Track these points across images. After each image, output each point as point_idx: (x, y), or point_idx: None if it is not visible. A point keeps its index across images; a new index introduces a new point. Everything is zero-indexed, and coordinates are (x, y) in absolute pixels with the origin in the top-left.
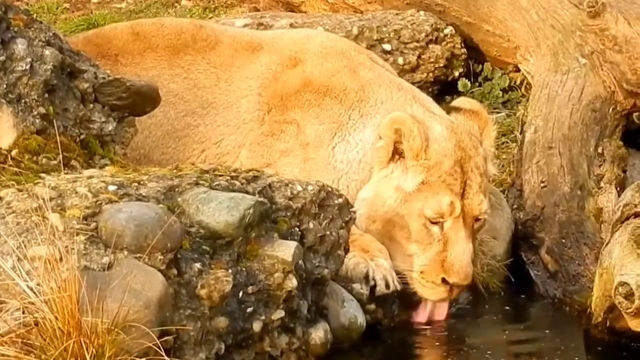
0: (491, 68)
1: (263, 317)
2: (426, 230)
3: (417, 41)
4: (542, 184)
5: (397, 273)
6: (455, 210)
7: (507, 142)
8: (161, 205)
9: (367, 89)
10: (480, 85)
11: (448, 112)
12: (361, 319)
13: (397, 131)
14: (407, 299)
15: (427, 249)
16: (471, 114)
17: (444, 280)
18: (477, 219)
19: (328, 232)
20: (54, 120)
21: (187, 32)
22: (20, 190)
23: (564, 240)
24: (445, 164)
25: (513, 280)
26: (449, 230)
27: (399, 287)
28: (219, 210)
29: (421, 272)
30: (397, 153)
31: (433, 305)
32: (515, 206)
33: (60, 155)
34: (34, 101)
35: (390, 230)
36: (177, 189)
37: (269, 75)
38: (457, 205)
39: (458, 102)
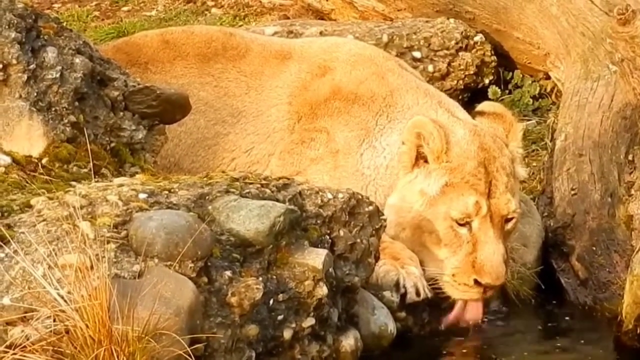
0: (521, 75)
1: (293, 325)
2: (454, 232)
3: (447, 49)
4: (572, 192)
5: (429, 280)
6: (481, 210)
7: (538, 150)
8: (191, 213)
9: (395, 94)
10: (510, 92)
11: (473, 117)
12: (392, 327)
13: (419, 135)
14: (437, 306)
15: (457, 251)
16: (495, 117)
17: (476, 282)
18: (507, 220)
19: (358, 240)
20: (85, 129)
21: (218, 40)
22: (50, 199)
23: (594, 248)
24: (468, 165)
25: (543, 287)
26: (477, 231)
27: (429, 295)
28: (250, 218)
29: (453, 275)
30: (420, 158)
31: (465, 306)
32: (545, 214)
33: (91, 164)
34: (64, 109)
35: (420, 236)
36: (207, 197)
37: (299, 84)
38: (483, 204)
39: (482, 106)
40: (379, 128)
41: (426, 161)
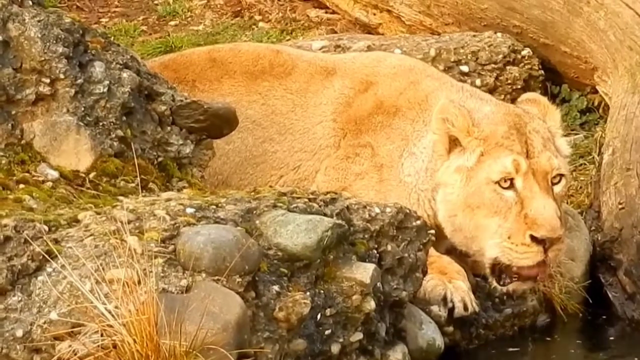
0: (569, 90)
1: (341, 340)
2: (499, 196)
3: (495, 63)
4: (619, 206)
5: (501, 267)
6: (520, 166)
7: (585, 164)
8: (239, 227)
9: (430, 97)
10: (557, 106)
11: None
12: (439, 341)
13: (444, 120)
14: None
15: (508, 215)
16: (529, 102)
17: (533, 239)
18: (554, 182)
19: (406, 254)
20: (132, 143)
21: (265, 58)
22: (98, 213)
23: None
24: (499, 129)
25: (591, 302)
26: (522, 190)
27: (477, 309)
28: (297, 233)
29: (509, 238)
30: (453, 142)
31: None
32: (593, 228)
33: (138, 178)
34: (111, 124)
35: (471, 216)
36: (255, 212)
37: (342, 100)
38: (521, 162)
39: (520, 99)
40: (416, 134)
41: (458, 143)
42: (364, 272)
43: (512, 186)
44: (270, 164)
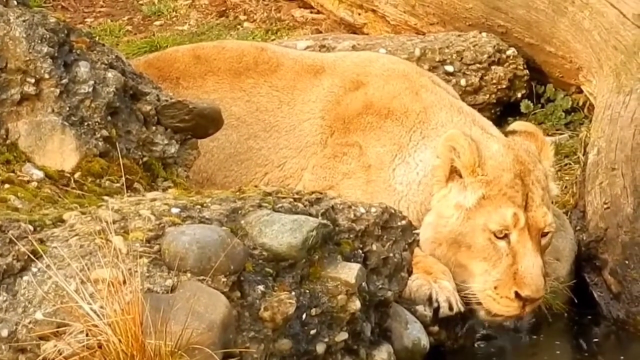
0: (554, 89)
1: (326, 339)
2: (492, 245)
3: (480, 62)
4: (605, 206)
5: (466, 295)
6: (519, 221)
7: (570, 164)
8: (224, 227)
9: (429, 111)
10: (542, 106)
11: (505, 136)
12: (424, 341)
13: (452, 149)
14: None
15: (497, 264)
16: (527, 136)
17: (517, 295)
18: (543, 234)
19: (391, 254)
20: (117, 143)
21: (249, 55)
22: (83, 213)
23: (627, 262)
24: (505, 177)
25: (576, 301)
26: (515, 243)
27: (462, 309)
28: (282, 233)
29: (495, 288)
30: (454, 172)
31: None
32: (578, 228)
33: (123, 178)
34: (96, 124)
35: (456, 252)
36: (240, 212)
37: (332, 98)
38: (520, 216)
39: (513, 125)
40: (413, 144)
41: (460, 175)
42: (349, 271)
43: (506, 236)
44: (254, 161)
